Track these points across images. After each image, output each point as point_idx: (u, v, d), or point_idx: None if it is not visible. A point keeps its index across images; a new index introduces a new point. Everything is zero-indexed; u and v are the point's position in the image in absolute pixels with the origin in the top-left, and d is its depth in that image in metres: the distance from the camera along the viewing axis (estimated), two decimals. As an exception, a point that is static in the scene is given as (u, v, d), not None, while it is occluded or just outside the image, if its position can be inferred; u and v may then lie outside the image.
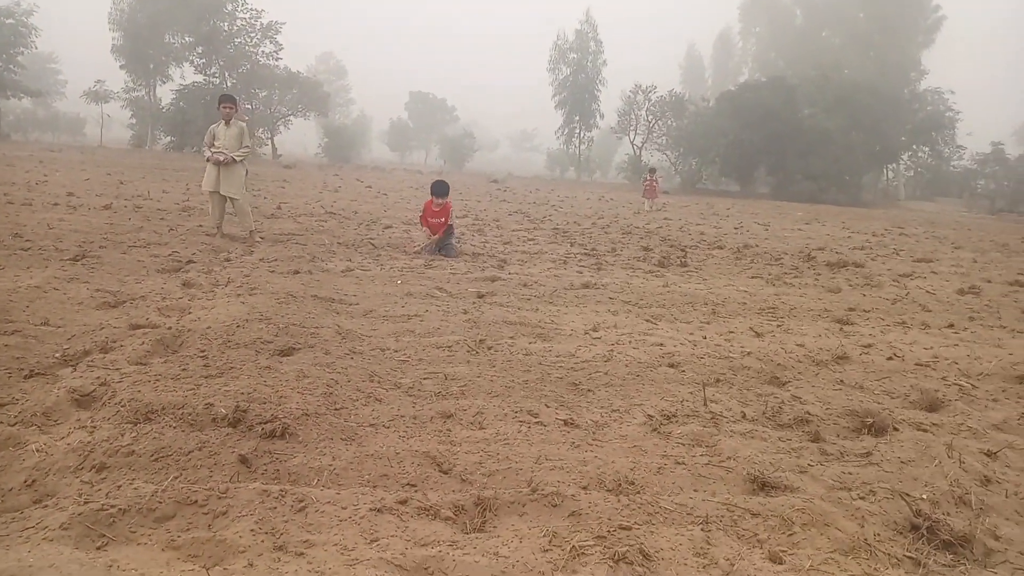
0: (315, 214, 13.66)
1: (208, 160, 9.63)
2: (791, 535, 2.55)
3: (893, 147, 50.36)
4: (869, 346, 5.54)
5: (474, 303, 6.30)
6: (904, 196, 53.87)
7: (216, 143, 9.64)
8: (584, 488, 2.82)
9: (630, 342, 5.19)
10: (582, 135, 64.46)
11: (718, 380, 4.42)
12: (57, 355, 4.03)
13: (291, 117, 57.91)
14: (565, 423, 3.53)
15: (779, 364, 4.86)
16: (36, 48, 54.43)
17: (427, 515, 2.52)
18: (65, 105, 74.61)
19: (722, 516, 2.66)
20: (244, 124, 10.09)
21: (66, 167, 22.68)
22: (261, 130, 55.17)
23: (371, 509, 2.48)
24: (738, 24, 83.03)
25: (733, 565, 2.32)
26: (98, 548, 2.21)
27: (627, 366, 4.54)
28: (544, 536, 2.41)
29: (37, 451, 2.81)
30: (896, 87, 52.22)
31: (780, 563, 2.38)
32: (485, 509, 2.59)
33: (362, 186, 24.82)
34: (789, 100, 46.78)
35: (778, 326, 6.15)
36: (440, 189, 9.78)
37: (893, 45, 58.83)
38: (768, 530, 2.58)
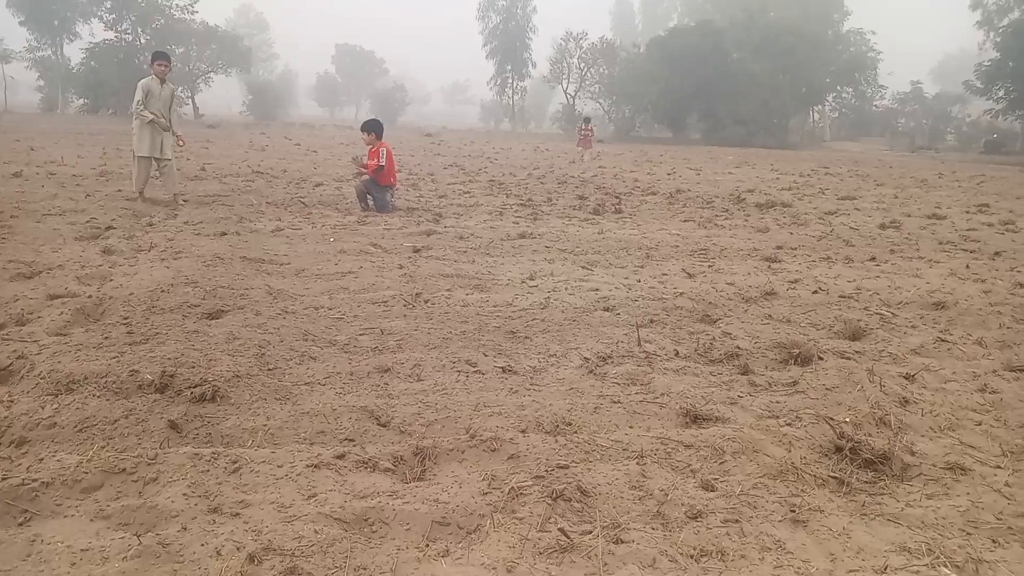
0: (241, 174, 13.21)
1: (147, 123, 9.17)
2: (722, 463, 2.64)
3: (818, 89, 51.43)
4: (796, 281, 5.72)
5: (409, 258, 6.24)
6: (830, 137, 55.30)
7: (151, 103, 9.20)
8: (522, 432, 2.85)
9: (566, 289, 5.23)
10: (515, 85, 63.73)
11: (652, 321, 4.51)
12: (-33, 330, 3.82)
13: (211, 74, 55.41)
14: (503, 370, 3.56)
15: (710, 303, 4.98)
16: (-77, 5, 50.37)
17: (366, 468, 2.51)
18: (-37, 68, 69.68)
19: (656, 450, 2.73)
20: (175, 88, 9.73)
21: (-32, 134, 21.29)
22: (181, 88, 52.63)
23: (308, 466, 2.46)
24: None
25: (667, 495, 2.39)
26: (20, 524, 2.13)
27: (563, 312, 4.58)
28: (483, 480, 2.43)
29: (-51, 430, 2.67)
30: (820, 29, 53.04)
31: (712, 490, 2.46)
32: (424, 458, 2.60)
33: (290, 144, 24.09)
34: (718, 44, 47.07)
35: (709, 267, 6.29)
36: (366, 125, 9.47)
37: (817, -14, 59.62)
38: (701, 460, 2.66)
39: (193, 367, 3.24)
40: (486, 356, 3.76)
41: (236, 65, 55.94)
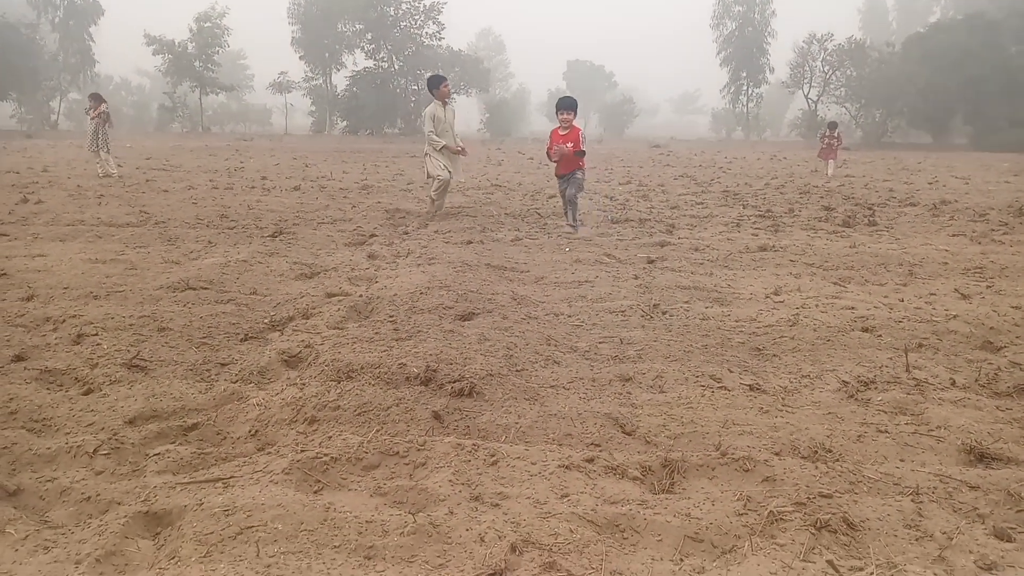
0: (482, 187, 14.02)
1: (443, 149, 9.34)
2: (1020, 512, 2.30)
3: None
4: (1105, 308, 4.85)
5: (644, 268, 6.21)
6: None
7: (439, 128, 9.35)
8: (776, 454, 2.71)
9: (817, 306, 4.89)
10: (750, 92, 61.18)
11: (920, 345, 4.06)
12: (266, 321, 4.44)
13: (454, 95, 59.61)
14: (751, 388, 3.40)
15: (991, 328, 4.38)
16: (228, 47, 59.69)
17: (614, 474, 2.53)
18: (253, 97, 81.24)
19: (934, 488, 2.45)
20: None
21: (258, 154, 24.85)
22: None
23: (560, 466, 2.53)
24: (929, -43, 74.69)
25: (951, 539, 2.14)
26: (315, 492, 2.42)
27: (815, 331, 4.28)
28: (738, 500, 2.34)
29: (257, 405, 3.11)
30: None
31: (1009, 541, 2.16)
32: (673, 471, 2.56)
33: (524, 158, 25.14)
34: (991, 39, 41.53)
35: (988, 287, 5.54)
36: (566, 102, 8.62)
37: None
38: (990, 504, 2.34)
39: (451, 364, 3.48)
40: (731, 372, 3.62)
41: (477, 86, 59.65)
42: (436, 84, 9.52)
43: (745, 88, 61.06)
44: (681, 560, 2.06)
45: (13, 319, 4.31)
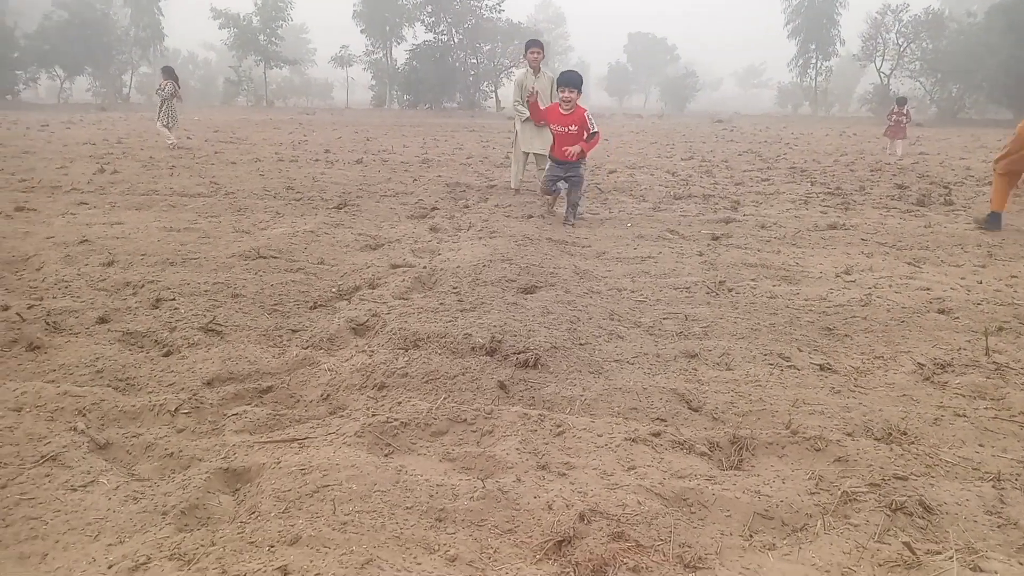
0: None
1: (524, 120, 8.45)
2: (1110, 502, 2.21)
3: None
4: None
5: (709, 245, 6.11)
6: None
7: (526, 96, 7.94)
8: (848, 435, 2.65)
9: (890, 286, 4.74)
10: (819, 65, 59.08)
11: (1001, 329, 3.90)
12: (333, 290, 4.54)
13: (513, 69, 59.24)
14: (821, 368, 3.33)
15: (1080, 313, 4.18)
16: (292, 21, 60.48)
17: (681, 449, 2.52)
18: (315, 71, 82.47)
19: (1018, 475, 2.37)
20: (552, 75, 8.61)
21: (320, 128, 25.24)
22: (485, 83, 57.16)
23: (626, 439, 2.53)
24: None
25: (1036, 528, 2.06)
26: (386, 455, 2.48)
27: (888, 311, 4.15)
28: (809, 479, 2.30)
29: (328, 370, 3.20)
30: None
31: (1098, 532, 2.07)
32: (741, 448, 2.53)
33: (584, 132, 24.89)
34: (1086, 5, 39.07)
35: (1076, 270, 5.27)
36: (568, 77, 7.09)
37: None
38: (1080, 495, 2.25)
39: (515, 335, 3.50)
40: (800, 351, 3.55)
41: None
42: (525, 50, 8.78)
43: (814, 61, 58.98)
44: (751, 536, 2.05)
45: (96, 283, 4.51)
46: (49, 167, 10.98)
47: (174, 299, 4.16)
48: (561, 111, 7.05)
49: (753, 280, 4.90)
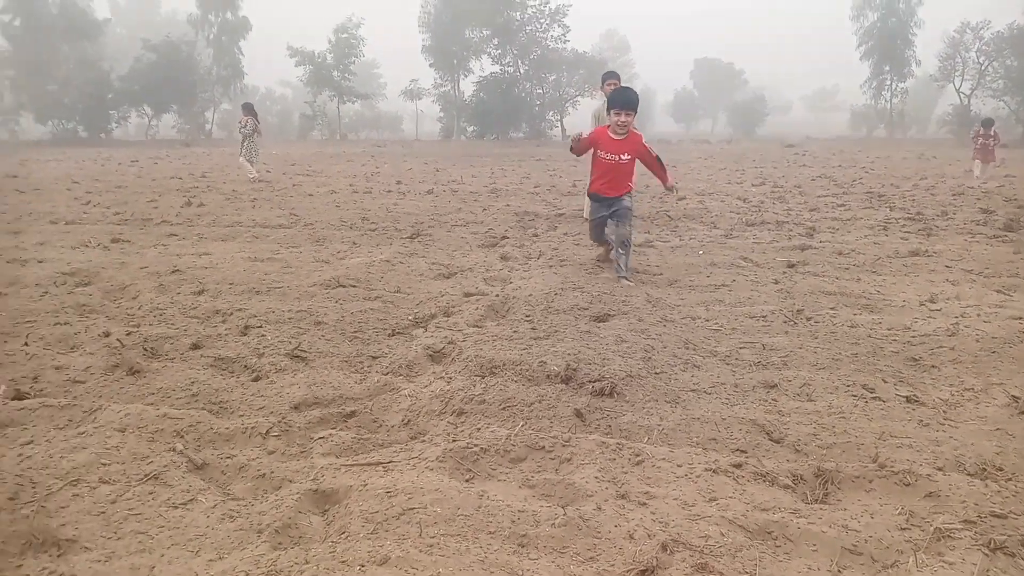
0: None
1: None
2: None
3: None
4: None
5: (784, 272, 6.00)
6: None
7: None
8: (939, 469, 2.57)
9: (978, 315, 4.56)
10: (894, 87, 57.40)
11: (1104, 360, 3.71)
12: (410, 318, 4.65)
13: (579, 98, 59.63)
14: (908, 400, 3.23)
15: None
16: (364, 56, 62.50)
17: (764, 481, 2.48)
18: (385, 104, 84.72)
19: None
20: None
21: (392, 159, 25.91)
22: (551, 113, 57.66)
23: (706, 469, 2.52)
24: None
25: None
26: (466, 480, 2.54)
27: (978, 341, 4.00)
28: (900, 514, 2.24)
29: (408, 396, 3.28)
30: None
31: None
32: (827, 481, 2.48)
33: (650, 160, 24.80)
34: None
35: None
36: (623, 97, 5.83)
37: None
38: None
39: (590, 364, 3.53)
40: (885, 382, 3.45)
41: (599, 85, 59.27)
42: (603, 82, 8.72)
43: (888, 83, 57.33)
44: (839, 572, 2.01)
45: (188, 311, 4.75)
46: (140, 200, 11.63)
47: (261, 326, 4.35)
48: (612, 135, 5.84)
49: (832, 308, 4.80)
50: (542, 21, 56.29)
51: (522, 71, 55.84)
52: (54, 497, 2.36)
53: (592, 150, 6.04)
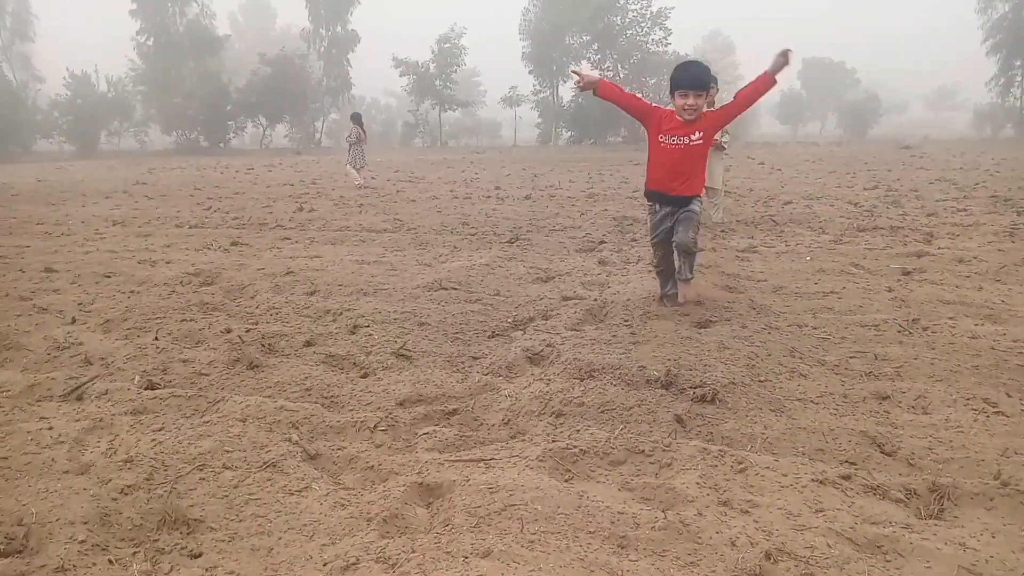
0: (708, 193, 13.67)
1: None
2: None
3: None
4: None
5: (899, 280, 5.72)
6: None
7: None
8: (1071, 490, 2.40)
9: (1120, 327, 4.21)
10: (1024, 83, 53.39)
11: None
12: (509, 320, 4.73)
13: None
14: (1035, 415, 3.03)
15: None
16: (465, 65, 63.73)
17: (874, 494, 2.40)
18: (485, 111, 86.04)
19: None
20: None
21: (490, 165, 26.31)
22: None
23: (812, 480, 2.45)
24: None
25: None
26: (566, 480, 2.57)
27: (1118, 355, 3.70)
28: (1023, 534, 2.12)
29: (508, 396, 3.35)
30: None
31: None
32: (942, 497, 2.37)
33: (754, 163, 24.09)
34: None
35: None
36: (692, 75, 4.63)
37: None
38: None
39: (691, 370, 3.49)
40: (1009, 396, 3.25)
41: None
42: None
43: (1019, 79, 53.37)
44: (956, 591, 1.92)
45: (301, 310, 5.01)
46: (256, 206, 12.32)
47: (368, 326, 4.54)
48: (680, 118, 4.65)
49: (951, 318, 4.54)
50: (643, 25, 55.72)
51: (622, 75, 55.39)
52: (183, 480, 2.57)
53: (646, 133, 4.83)
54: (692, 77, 4.60)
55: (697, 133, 4.65)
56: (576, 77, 4.79)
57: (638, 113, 4.87)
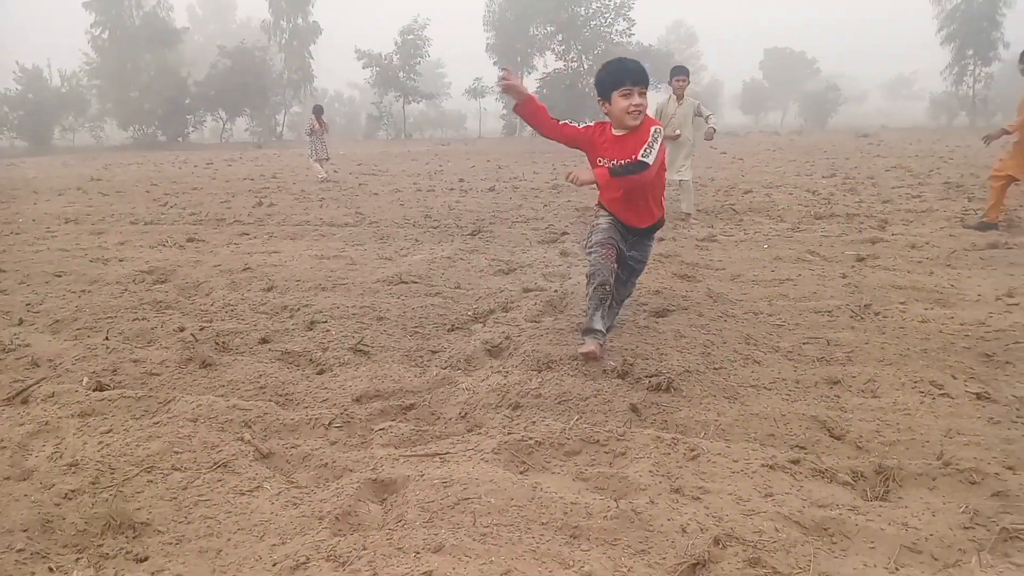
0: (672, 183, 13.78)
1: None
2: None
3: None
4: None
5: (853, 267, 5.83)
6: None
7: (663, 122, 8.14)
8: (1009, 468, 2.47)
9: (1061, 309, 4.34)
10: (977, 72, 54.72)
11: None
12: (469, 313, 4.72)
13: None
14: (978, 397, 3.11)
15: None
16: (429, 57, 63.28)
17: (822, 477, 2.44)
18: (449, 103, 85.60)
19: None
20: (697, 101, 8.86)
21: (454, 157, 26.19)
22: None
23: (763, 465, 2.49)
24: None
25: None
26: (521, 472, 2.58)
27: (1059, 337, 3.81)
28: (963, 513, 2.18)
29: (466, 390, 3.34)
30: None
31: None
32: (888, 478, 2.42)
33: (716, 152, 24.34)
34: None
35: None
36: (637, 67, 3.76)
37: None
38: None
39: (648, 359, 3.52)
40: (955, 379, 3.33)
41: (666, 80, 58.45)
42: (671, 77, 8.73)
43: (971, 68, 54.68)
44: (896, 569, 1.96)
45: (257, 307, 4.94)
46: (214, 201, 12.11)
47: (326, 322, 4.49)
48: (615, 132, 3.81)
49: (902, 303, 4.64)
50: (607, 16, 55.83)
51: (586, 66, 55.49)
52: (130, 483, 2.51)
53: (584, 153, 3.93)
54: (636, 69, 3.68)
55: (632, 156, 3.53)
56: (503, 75, 3.78)
57: (567, 140, 3.93)
